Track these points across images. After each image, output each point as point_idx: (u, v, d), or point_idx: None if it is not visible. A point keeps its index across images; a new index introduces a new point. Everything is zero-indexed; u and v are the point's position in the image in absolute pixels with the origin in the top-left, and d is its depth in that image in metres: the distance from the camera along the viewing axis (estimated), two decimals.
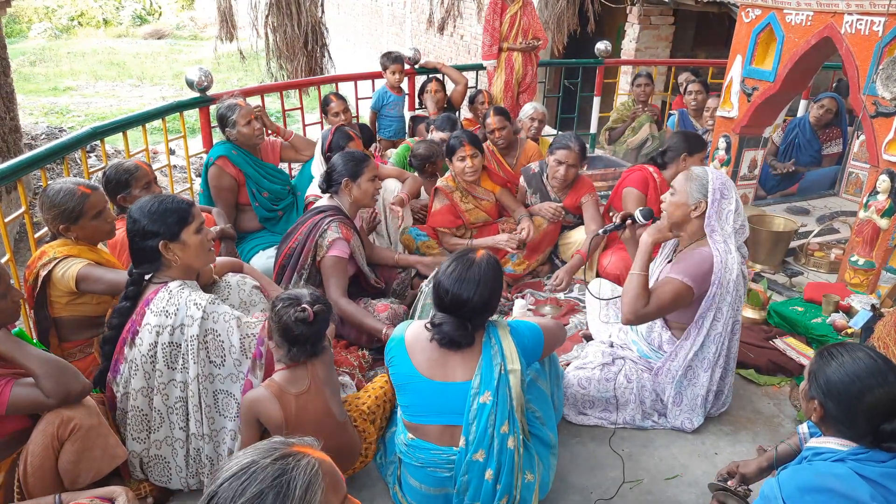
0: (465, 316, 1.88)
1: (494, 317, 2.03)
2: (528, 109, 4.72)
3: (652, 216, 2.71)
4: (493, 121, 4.16)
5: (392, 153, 4.67)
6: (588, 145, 6.18)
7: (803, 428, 2.02)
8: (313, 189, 3.64)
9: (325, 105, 4.56)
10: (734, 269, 2.32)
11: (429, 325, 1.93)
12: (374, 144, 4.92)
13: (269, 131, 3.89)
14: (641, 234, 2.50)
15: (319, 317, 1.94)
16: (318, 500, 1.06)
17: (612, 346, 2.74)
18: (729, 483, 2.05)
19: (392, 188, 3.72)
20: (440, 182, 3.77)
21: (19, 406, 1.79)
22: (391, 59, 5.09)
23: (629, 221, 2.68)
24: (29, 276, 2.41)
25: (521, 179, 3.97)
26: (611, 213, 3.77)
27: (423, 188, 4.08)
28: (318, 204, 3.08)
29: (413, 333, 1.99)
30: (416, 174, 4.04)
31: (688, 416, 2.51)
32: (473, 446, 1.87)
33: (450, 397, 1.90)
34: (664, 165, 3.57)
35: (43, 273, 2.35)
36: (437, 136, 4.25)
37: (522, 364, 1.93)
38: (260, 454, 1.09)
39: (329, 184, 3.03)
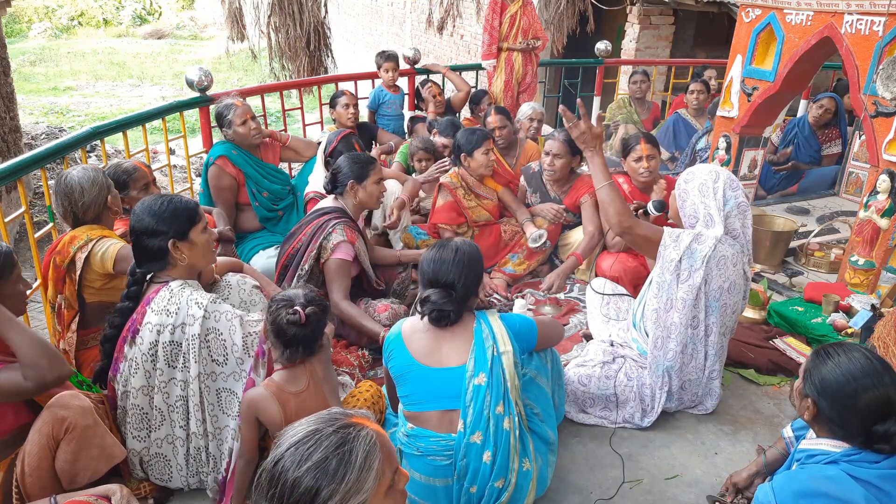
0: (449, 285, 1.97)
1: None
2: (527, 110, 4.72)
3: (664, 208, 2.79)
4: (494, 119, 4.16)
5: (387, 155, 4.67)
6: None
7: (787, 431, 2.02)
8: (312, 186, 3.64)
9: (334, 98, 4.52)
10: (683, 244, 2.39)
11: (418, 307, 2.01)
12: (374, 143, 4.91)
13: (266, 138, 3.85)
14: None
15: (312, 318, 1.93)
16: (375, 468, 1.13)
17: (612, 344, 2.74)
18: (727, 499, 2.06)
19: (392, 189, 3.72)
20: (444, 178, 3.78)
21: (2, 390, 1.75)
22: (385, 58, 5.09)
23: (641, 212, 2.82)
24: (61, 262, 2.40)
25: (522, 179, 3.98)
26: None
27: (420, 188, 4.08)
28: (321, 205, 3.08)
29: (409, 325, 2.06)
30: (414, 176, 4.03)
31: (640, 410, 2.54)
32: (470, 428, 1.91)
33: (446, 382, 1.95)
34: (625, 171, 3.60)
35: (81, 256, 2.36)
36: (439, 140, 4.25)
37: (514, 347, 1.98)
38: (323, 423, 1.15)
39: (334, 185, 3.03)
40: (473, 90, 5.42)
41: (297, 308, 1.91)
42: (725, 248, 2.38)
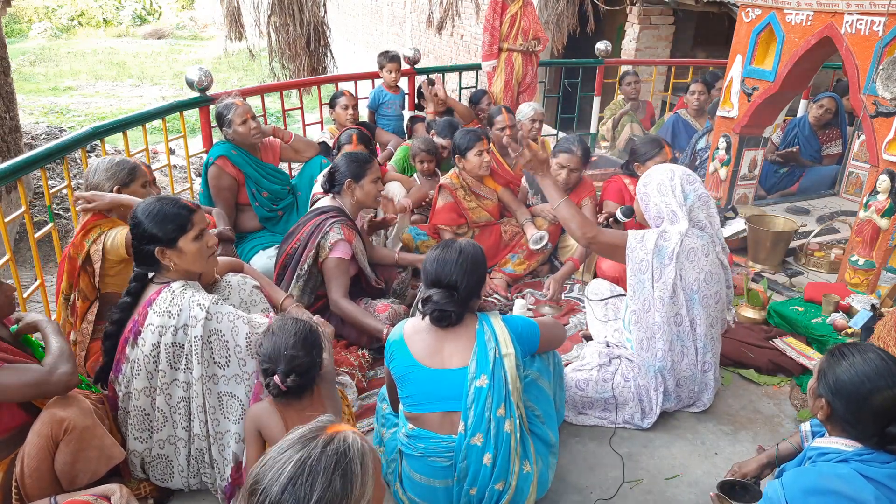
0: (451, 286, 1.96)
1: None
2: (528, 111, 4.71)
3: (632, 214, 2.82)
4: (506, 118, 4.14)
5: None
6: (588, 145, 6.19)
7: (806, 426, 2.01)
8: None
9: (333, 98, 4.52)
10: (652, 242, 2.41)
11: (420, 306, 2.01)
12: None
13: (267, 137, 3.85)
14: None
15: (294, 386, 1.85)
16: (371, 468, 1.11)
17: (607, 345, 2.74)
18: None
19: (395, 192, 3.73)
20: (444, 179, 3.78)
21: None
22: (388, 58, 5.10)
23: (612, 220, 2.91)
24: (76, 254, 2.48)
25: (524, 180, 3.98)
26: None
27: (427, 196, 4.08)
28: (319, 204, 3.08)
29: (411, 326, 2.06)
30: (419, 181, 4.03)
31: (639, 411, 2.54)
32: (471, 430, 1.90)
33: (448, 383, 1.94)
34: (634, 174, 3.60)
35: (97, 248, 2.45)
36: (438, 140, 4.26)
37: (517, 349, 1.98)
38: (305, 448, 1.09)
39: (332, 184, 3.03)
40: (474, 90, 5.42)
41: (277, 381, 1.83)
42: (693, 240, 2.42)
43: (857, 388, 1.54)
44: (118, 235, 2.45)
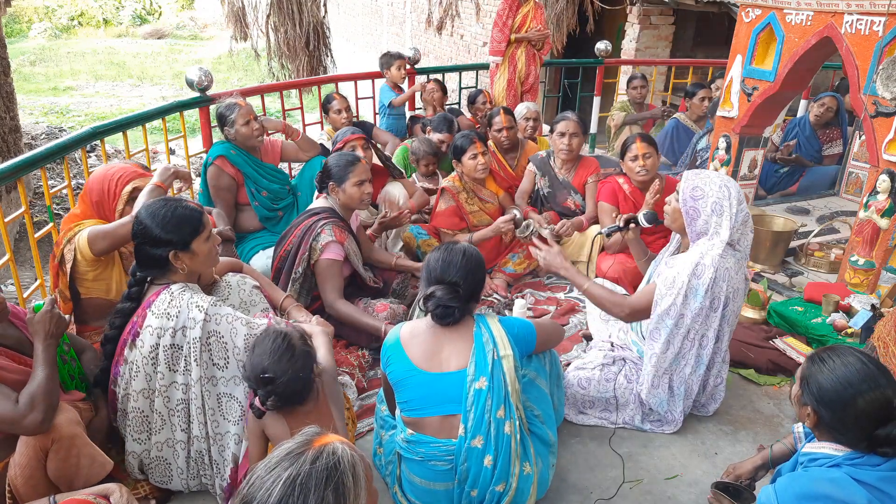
0: (454, 284, 1.97)
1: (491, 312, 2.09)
2: (521, 109, 4.75)
3: (656, 220, 2.76)
4: (503, 119, 4.14)
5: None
6: (588, 144, 6.20)
7: (798, 428, 2.01)
8: None
9: (326, 103, 4.56)
10: (706, 274, 2.29)
11: (421, 304, 2.00)
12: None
13: (270, 132, 3.86)
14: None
15: (272, 406, 1.81)
16: (362, 478, 1.10)
17: (612, 346, 2.74)
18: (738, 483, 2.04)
19: (396, 194, 3.72)
20: (446, 182, 3.77)
21: None
22: (394, 56, 5.12)
23: (633, 224, 2.80)
24: (56, 254, 2.48)
25: (530, 165, 4.00)
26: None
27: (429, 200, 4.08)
28: (313, 205, 3.08)
29: (408, 329, 2.04)
30: (414, 178, 4.03)
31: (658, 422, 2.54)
32: (471, 432, 1.90)
33: (446, 386, 1.93)
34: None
35: (70, 248, 2.41)
36: (434, 137, 4.26)
37: (514, 350, 1.98)
38: (293, 465, 1.06)
39: (321, 185, 3.03)
40: (472, 89, 5.42)
41: (258, 404, 1.80)
42: (727, 259, 2.32)
43: (840, 395, 1.53)
44: (81, 235, 2.41)
